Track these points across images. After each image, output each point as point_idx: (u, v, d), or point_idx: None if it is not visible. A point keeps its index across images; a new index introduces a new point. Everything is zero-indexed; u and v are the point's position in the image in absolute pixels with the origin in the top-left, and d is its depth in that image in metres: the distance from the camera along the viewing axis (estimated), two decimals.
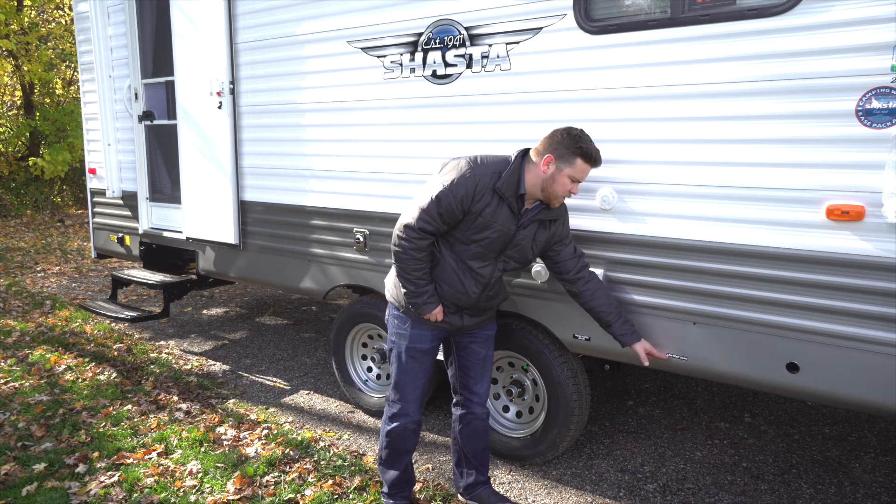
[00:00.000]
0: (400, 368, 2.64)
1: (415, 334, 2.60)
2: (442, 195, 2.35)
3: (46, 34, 12.62)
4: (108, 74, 4.79)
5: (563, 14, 2.64)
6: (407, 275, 2.46)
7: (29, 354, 4.70)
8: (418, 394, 2.67)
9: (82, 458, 3.22)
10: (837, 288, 2.22)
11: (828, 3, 2.12)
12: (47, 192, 12.61)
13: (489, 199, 2.38)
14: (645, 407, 3.85)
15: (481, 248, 2.45)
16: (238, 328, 5.49)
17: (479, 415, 2.75)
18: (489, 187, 2.37)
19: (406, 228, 2.41)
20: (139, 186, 4.78)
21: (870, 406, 2.28)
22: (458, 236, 2.45)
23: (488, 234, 2.42)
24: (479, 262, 2.49)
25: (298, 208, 3.75)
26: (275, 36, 3.67)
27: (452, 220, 2.40)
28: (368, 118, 3.36)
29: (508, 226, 2.43)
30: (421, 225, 2.38)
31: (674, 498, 2.94)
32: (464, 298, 2.53)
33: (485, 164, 2.42)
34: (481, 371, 2.74)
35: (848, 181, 2.15)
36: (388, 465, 2.75)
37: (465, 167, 2.39)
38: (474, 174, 2.37)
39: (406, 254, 2.42)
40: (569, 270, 2.57)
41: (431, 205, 2.37)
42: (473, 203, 2.36)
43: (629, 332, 2.57)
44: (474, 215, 2.38)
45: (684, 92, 2.42)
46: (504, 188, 2.37)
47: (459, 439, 2.79)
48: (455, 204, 2.36)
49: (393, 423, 2.68)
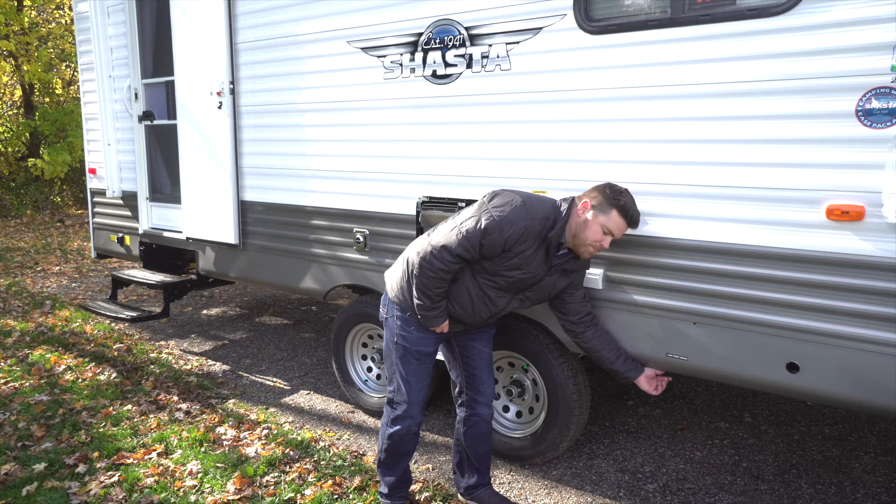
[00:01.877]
0: (405, 371, 2.61)
1: (420, 337, 2.58)
2: (490, 228, 2.31)
3: (46, 34, 12.62)
4: (108, 74, 4.79)
5: (563, 14, 2.64)
6: (427, 290, 2.42)
7: (29, 354, 4.70)
8: (422, 396, 2.65)
9: (82, 458, 3.22)
10: (837, 288, 2.22)
11: (828, 3, 2.12)
12: (47, 192, 12.61)
13: (532, 244, 2.37)
14: (645, 407, 3.85)
15: (505, 282, 2.46)
16: (238, 328, 5.49)
17: (484, 416, 2.75)
18: (536, 233, 2.36)
19: (443, 250, 2.35)
20: (139, 186, 4.78)
21: (870, 406, 2.28)
22: (486, 266, 2.43)
23: (517, 274, 2.42)
24: (497, 293, 2.49)
25: (298, 208, 3.75)
26: (275, 36, 3.67)
27: (491, 253, 2.37)
28: (368, 118, 3.36)
29: (539, 271, 2.44)
30: (459, 252, 2.34)
31: (674, 498, 2.94)
32: (470, 319, 2.56)
33: (536, 205, 2.39)
34: (487, 370, 2.74)
35: (848, 181, 2.15)
36: (388, 467, 2.73)
37: (520, 206, 2.35)
38: (527, 216, 2.34)
39: (435, 273, 2.38)
40: (576, 313, 2.63)
41: (476, 234, 2.32)
42: (517, 244, 2.35)
43: (632, 368, 2.67)
44: (512, 254, 2.37)
45: (684, 92, 2.42)
46: (554, 238, 2.37)
47: (463, 441, 2.79)
48: (500, 241, 2.33)
49: (396, 426, 2.64)
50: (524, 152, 2.85)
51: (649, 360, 2.69)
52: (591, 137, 2.67)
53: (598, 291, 2.74)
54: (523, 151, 2.85)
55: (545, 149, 2.78)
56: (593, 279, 2.72)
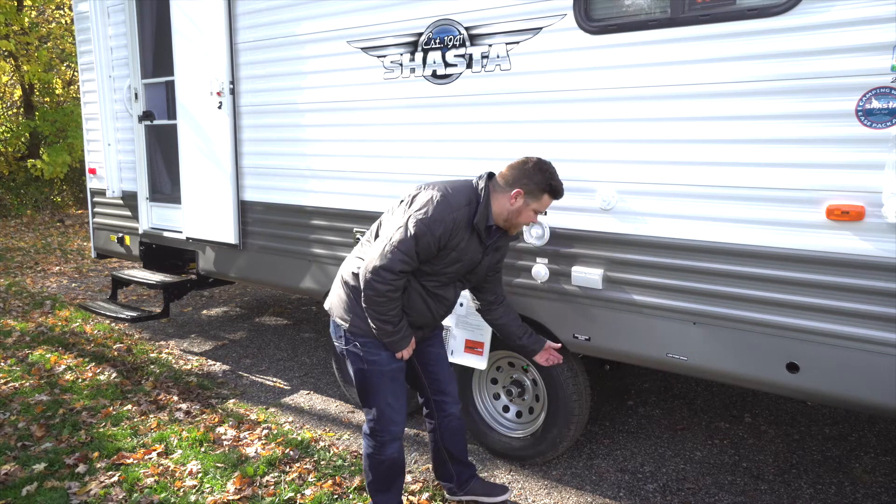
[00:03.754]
0: (385, 394, 2.46)
1: (389, 355, 2.44)
2: (420, 233, 2.25)
3: (46, 34, 12.61)
4: (108, 74, 4.79)
5: (563, 14, 2.64)
6: (383, 316, 2.31)
7: (29, 354, 4.70)
8: (405, 412, 2.56)
9: (82, 458, 3.22)
10: (837, 288, 2.22)
11: (828, 3, 2.12)
12: (47, 192, 12.61)
13: (464, 234, 2.36)
14: (645, 407, 3.85)
15: (448, 278, 2.45)
16: (238, 328, 5.49)
17: (455, 414, 2.74)
18: (466, 221, 2.34)
19: (382, 271, 2.24)
20: (139, 186, 4.78)
21: (870, 406, 2.29)
22: (426, 270, 2.39)
23: (457, 266, 2.42)
24: (445, 289, 2.49)
25: (298, 208, 3.75)
26: (275, 36, 3.67)
27: (428, 256, 2.32)
28: (368, 118, 3.36)
29: (476, 255, 2.44)
30: (400, 267, 2.25)
31: (674, 498, 2.93)
32: (429, 321, 2.55)
33: (456, 194, 2.35)
34: (447, 370, 2.74)
35: (848, 181, 2.15)
36: (384, 492, 2.60)
37: (441, 201, 2.29)
38: (451, 209, 2.30)
39: (382, 296, 2.27)
40: (493, 293, 2.68)
41: (408, 243, 2.25)
42: (451, 240, 2.32)
43: (537, 342, 2.74)
44: (449, 250, 2.35)
45: (684, 92, 2.42)
46: (480, 224, 2.36)
47: (442, 442, 2.76)
48: (433, 242, 2.28)
49: (387, 452, 2.52)
50: (524, 152, 2.84)
51: (649, 360, 2.70)
52: (591, 137, 2.67)
53: (598, 291, 2.74)
54: (523, 151, 2.84)
55: (545, 149, 2.78)
56: (593, 279, 2.72)
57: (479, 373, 3.27)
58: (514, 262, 2.95)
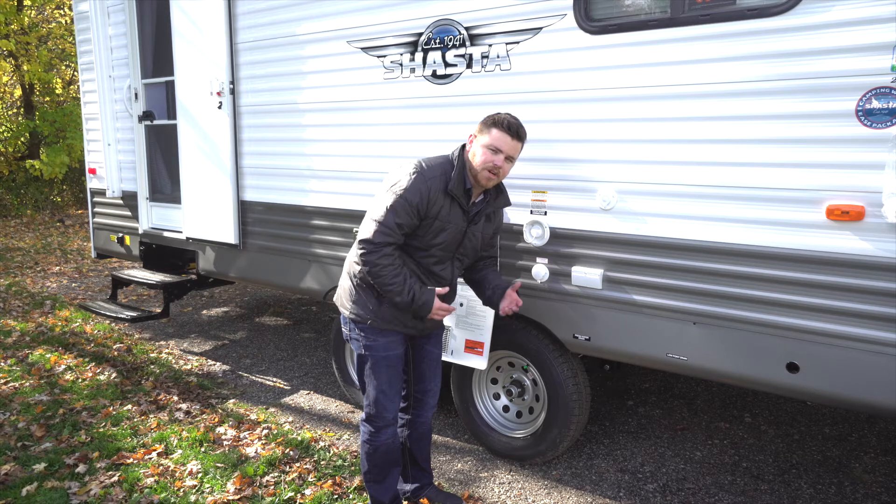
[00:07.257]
0: (379, 381, 2.53)
1: (385, 342, 2.51)
2: (397, 205, 2.33)
3: (46, 34, 12.61)
4: (108, 74, 4.79)
5: (563, 14, 2.64)
6: (389, 286, 2.37)
7: (29, 354, 4.70)
8: (398, 403, 2.62)
9: (82, 458, 3.22)
10: (837, 288, 2.22)
11: (828, 3, 2.12)
12: (47, 192, 12.61)
13: (443, 202, 2.39)
14: (645, 407, 3.85)
15: (440, 251, 2.46)
16: (238, 328, 5.49)
17: (428, 418, 2.76)
18: (441, 190, 2.38)
19: (367, 244, 2.35)
20: (139, 186, 4.77)
21: (870, 406, 2.29)
22: (416, 244, 2.43)
23: (444, 237, 2.43)
24: (439, 265, 2.50)
25: (299, 208, 3.75)
26: (275, 36, 3.67)
27: (410, 228, 2.38)
28: (368, 118, 3.36)
29: (461, 223, 2.46)
30: (381, 239, 2.34)
31: (674, 498, 2.94)
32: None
33: (431, 166, 2.42)
34: (436, 371, 2.75)
35: (848, 181, 2.15)
36: (379, 483, 2.64)
37: (415, 172, 2.37)
38: (425, 178, 2.36)
39: (376, 266, 2.35)
40: (484, 259, 2.72)
41: (388, 216, 2.33)
42: (429, 208, 2.36)
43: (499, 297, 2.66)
44: (431, 219, 2.38)
45: (684, 92, 2.42)
46: (455, 189, 2.39)
47: (409, 444, 2.77)
48: (412, 212, 2.34)
49: (381, 437, 2.57)
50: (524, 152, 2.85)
51: (649, 360, 2.70)
52: (591, 137, 2.67)
53: (597, 291, 2.74)
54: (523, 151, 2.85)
55: (545, 149, 2.78)
56: (593, 279, 2.72)
57: (479, 373, 3.27)
58: (514, 262, 2.95)
